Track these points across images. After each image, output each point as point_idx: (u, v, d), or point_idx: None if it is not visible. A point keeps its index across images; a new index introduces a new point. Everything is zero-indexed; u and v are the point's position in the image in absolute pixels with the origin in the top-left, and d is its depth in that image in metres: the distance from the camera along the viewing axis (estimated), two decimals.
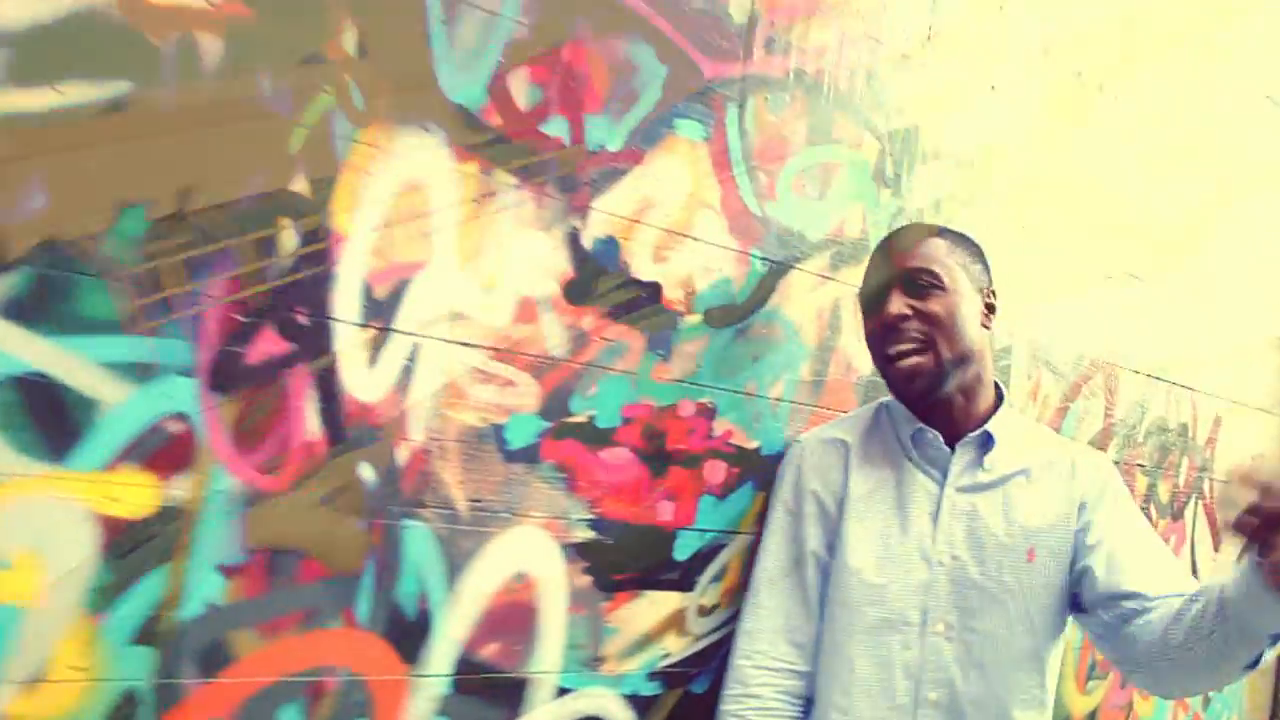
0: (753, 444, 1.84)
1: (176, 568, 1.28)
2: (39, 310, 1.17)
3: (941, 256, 1.59)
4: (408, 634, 1.47)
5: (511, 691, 1.58)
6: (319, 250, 1.36)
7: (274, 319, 1.34)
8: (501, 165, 1.51)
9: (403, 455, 1.45)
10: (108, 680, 1.24)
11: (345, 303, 1.39)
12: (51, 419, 1.18)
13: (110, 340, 1.22)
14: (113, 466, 1.23)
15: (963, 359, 1.58)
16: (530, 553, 1.59)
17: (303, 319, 1.36)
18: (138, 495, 1.25)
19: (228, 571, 1.32)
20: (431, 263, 1.46)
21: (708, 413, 1.78)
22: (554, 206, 1.57)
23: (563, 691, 1.64)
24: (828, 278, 1.94)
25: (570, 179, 1.59)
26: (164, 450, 1.26)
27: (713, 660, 1.81)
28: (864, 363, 1.99)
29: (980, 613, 1.58)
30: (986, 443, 1.64)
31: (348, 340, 1.39)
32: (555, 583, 1.62)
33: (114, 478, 1.23)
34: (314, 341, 1.37)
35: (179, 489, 1.27)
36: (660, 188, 1.69)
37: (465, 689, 1.53)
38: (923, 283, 1.56)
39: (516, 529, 1.57)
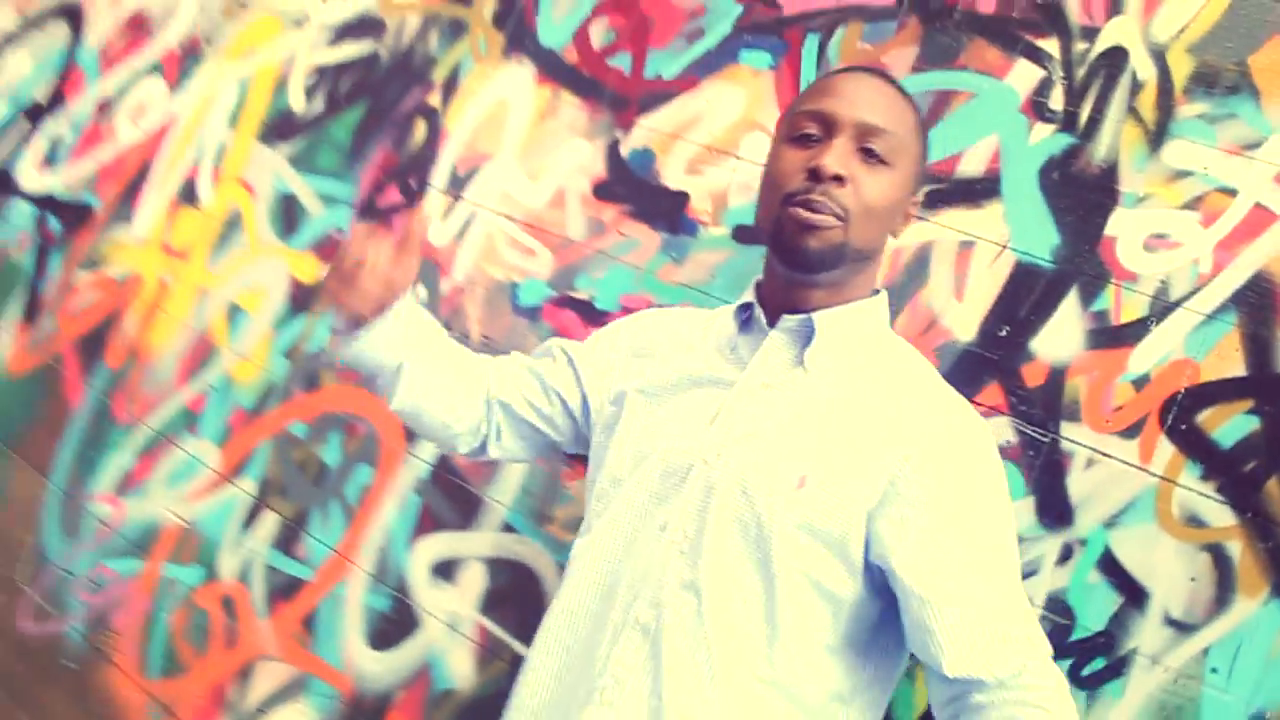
0: None
1: (313, 313, 2.11)
2: (301, 162, 2.19)
3: (908, 128, 1.26)
4: None
5: (471, 505, 1.88)
6: (433, 141, 2.06)
7: (398, 180, 2.08)
8: (568, 89, 1.95)
9: (446, 286, 1.99)
10: (267, 371, 2.13)
11: (439, 176, 2.04)
12: (289, 217, 2.17)
13: (322, 179, 2.16)
14: (304, 250, 2.15)
15: (865, 248, 1.24)
16: None
17: (413, 182, 2.06)
18: (310, 267, 2.13)
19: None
20: (498, 155, 1.99)
21: None
22: (602, 122, 1.90)
23: (508, 528, 1.84)
24: (918, 217, 1.64)
25: (622, 100, 1.89)
26: (327, 247, 2.12)
27: None
28: (955, 322, 1.59)
29: (716, 524, 1.20)
30: (808, 334, 1.26)
31: (435, 201, 2.03)
32: None
33: (303, 256, 2.15)
34: (415, 199, 2.05)
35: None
36: (709, 109, 1.82)
37: (438, 481, 1.92)
38: (877, 151, 1.21)
39: None
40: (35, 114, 2.64)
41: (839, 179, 1.18)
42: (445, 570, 1.90)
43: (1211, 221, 1.50)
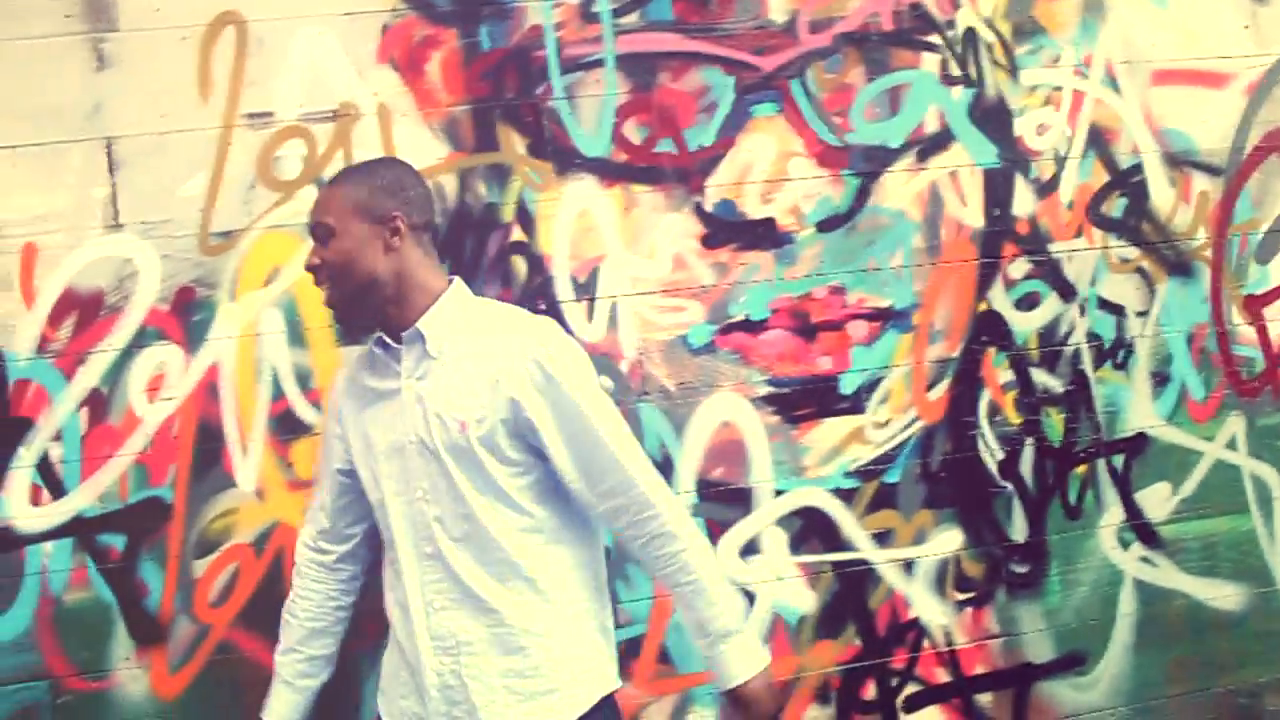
0: (885, 302, 2.56)
1: None
2: None
3: (334, 206, 1.78)
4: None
5: (740, 497, 2.48)
6: (538, 267, 2.42)
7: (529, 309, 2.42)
8: (634, 181, 2.47)
9: (624, 367, 2.45)
10: None
11: (562, 291, 2.43)
12: None
13: None
14: None
15: (362, 290, 1.78)
16: (728, 407, 2.49)
17: (543, 307, 2.42)
18: None
19: None
20: (608, 254, 2.45)
21: (839, 291, 2.54)
22: (677, 194, 2.49)
23: (779, 493, 2.50)
24: (919, 168, 2.59)
25: (684, 173, 2.49)
26: None
27: (897, 458, 2.55)
28: (969, 219, 2.60)
29: (440, 477, 1.78)
30: (421, 337, 1.80)
31: (571, 311, 2.43)
32: (752, 422, 2.50)
33: None
34: (554, 318, 2.42)
35: None
36: (753, 155, 2.52)
37: (707, 497, 2.47)
38: (319, 235, 1.79)
39: (716, 395, 2.49)
40: None
41: (315, 267, 1.80)
42: (748, 549, 2.49)
43: (1058, 107, 2.67)
